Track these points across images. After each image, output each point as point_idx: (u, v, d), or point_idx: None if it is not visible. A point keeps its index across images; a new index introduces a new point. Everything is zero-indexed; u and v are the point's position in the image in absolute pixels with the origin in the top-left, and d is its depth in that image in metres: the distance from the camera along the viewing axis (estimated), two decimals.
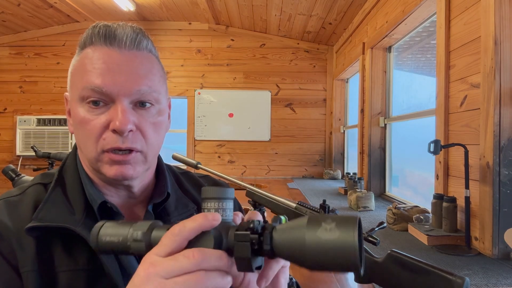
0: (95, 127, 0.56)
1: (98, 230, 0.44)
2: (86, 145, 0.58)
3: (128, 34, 0.59)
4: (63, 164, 0.65)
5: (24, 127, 4.32)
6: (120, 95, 0.56)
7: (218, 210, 0.42)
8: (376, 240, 0.80)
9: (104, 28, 0.58)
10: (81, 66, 0.59)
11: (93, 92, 0.56)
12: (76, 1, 3.74)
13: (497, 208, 1.33)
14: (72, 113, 0.60)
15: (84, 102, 0.57)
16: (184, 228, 0.39)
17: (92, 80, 0.56)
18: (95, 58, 0.57)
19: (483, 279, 1.11)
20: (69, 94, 0.62)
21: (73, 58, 0.63)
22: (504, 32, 1.33)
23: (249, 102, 4.42)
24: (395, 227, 1.72)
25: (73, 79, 0.60)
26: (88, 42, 0.60)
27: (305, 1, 3.23)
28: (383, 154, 2.89)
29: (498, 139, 1.33)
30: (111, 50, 0.57)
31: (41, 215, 0.56)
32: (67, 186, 0.61)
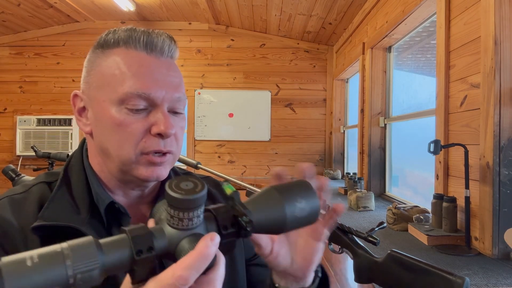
0: (137, 130, 0.57)
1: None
2: (121, 147, 0.58)
3: (166, 42, 0.61)
4: (68, 163, 0.65)
5: (24, 127, 4.32)
6: (163, 100, 0.58)
7: (174, 217, 0.38)
8: (376, 240, 0.80)
9: (145, 35, 0.59)
10: (117, 68, 0.58)
11: (138, 97, 0.57)
12: (76, 1, 3.74)
13: (497, 208, 1.33)
14: (101, 114, 0.59)
15: (122, 105, 0.57)
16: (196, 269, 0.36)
17: (138, 85, 0.56)
18: (135, 62, 0.58)
19: (483, 279, 1.11)
20: (93, 94, 0.60)
21: (95, 56, 0.62)
22: (504, 32, 1.33)
23: (249, 102, 4.42)
24: (395, 227, 1.72)
25: (105, 80, 0.59)
26: (123, 44, 0.59)
27: (305, 1, 3.23)
28: (383, 154, 2.89)
29: (498, 139, 1.33)
30: (151, 57, 0.59)
31: (47, 214, 0.56)
32: (73, 185, 0.61)
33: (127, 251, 0.36)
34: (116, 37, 0.60)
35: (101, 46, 0.61)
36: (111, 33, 0.61)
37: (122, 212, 0.61)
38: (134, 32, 0.60)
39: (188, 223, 0.38)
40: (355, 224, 1.83)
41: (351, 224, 1.80)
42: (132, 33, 0.60)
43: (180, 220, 0.38)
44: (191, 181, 0.38)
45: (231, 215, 0.41)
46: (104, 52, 0.61)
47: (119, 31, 0.61)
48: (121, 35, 0.60)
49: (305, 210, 0.45)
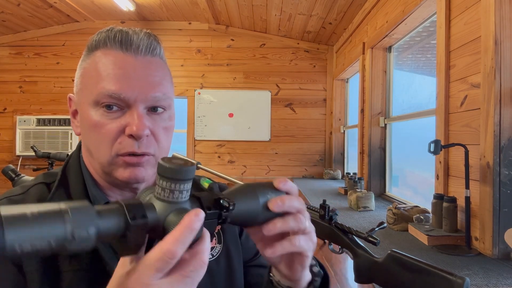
0: (110, 131, 0.57)
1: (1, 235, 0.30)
2: (98, 149, 0.58)
3: (143, 40, 0.60)
4: (66, 164, 0.65)
5: (24, 127, 4.32)
6: (137, 100, 0.57)
7: (165, 189, 0.39)
8: (376, 240, 0.80)
9: (120, 34, 0.59)
10: (94, 69, 0.58)
11: (109, 97, 0.56)
12: (76, 1, 3.73)
13: (497, 208, 1.33)
14: (82, 116, 0.60)
15: (98, 106, 0.57)
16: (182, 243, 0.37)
17: (109, 86, 0.56)
18: (110, 62, 0.57)
19: (483, 279, 1.11)
20: (78, 96, 0.62)
21: (82, 60, 0.63)
22: (504, 32, 1.33)
23: (249, 102, 4.42)
24: (395, 227, 1.72)
25: (84, 82, 0.60)
26: (102, 45, 0.59)
27: (305, 1, 3.23)
28: (383, 154, 2.89)
29: (498, 139, 1.33)
30: (126, 56, 0.58)
31: None
32: (71, 186, 0.62)
33: (122, 217, 0.37)
34: (97, 38, 0.60)
35: (86, 49, 0.62)
36: (96, 35, 0.61)
37: None
38: (112, 32, 0.59)
39: (178, 195, 0.40)
40: (355, 224, 1.83)
41: (351, 224, 1.80)
42: (109, 33, 0.59)
43: (171, 192, 0.39)
44: (181, 159, 0.41)
45: (213, 198, 0.44)
46: (87, 55, 0.61)
47: (101, 33, 0.60)
48: (101, 36, 0.60)
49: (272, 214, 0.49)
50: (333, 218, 0.93)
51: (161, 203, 0.40)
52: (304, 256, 0.51)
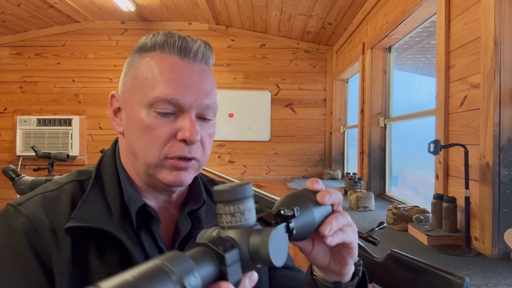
0: (163, 134, 0.58)
1: None
2: (147, 150, 0.58)
3: (201, 48, 0.61)
4: (100, 162, 0.65)
5: (24, 127, 4.32)
6: (191, 107, 0.58)
7: (235, 214, 0.38)
8: (376, 240, 0.80)
9: (180, 40, 0.60)
10: (150, 72, 0.59)
11: (166, 102, 0.57)
12: (76, 1, 3.74)
13: (497, 208, 1.33)
14: (131, 117, 0.60)
15: (151, 109, 0.58)
16: None
17: (167, 91, 0.57)
18: (167, 67, 0.58)
19: (483, 279, 1.11)
20: (127, 95, 0.61)
21: (132, 59, 0.63)
22: (504, 32, 1.34)
23: (249, 102, 4.42)
24: (395, 227, 1.72)
25: (138, 83, 0.60)
26: (159, 48, 0.60)
27: (305, 1, 3.23)
28: (383, 154, 2.89)
29: (498, 139, 1.33)
30: (184, 62, 0.60)
31: (79, 214, 0.56)
32: (105, 185, 0.61)
33: (213, 252, 0.35)
34: (153, 41, 0.61)
35: (139, 49, 0.62)
36: (150, 37, 0.62)
37: (152, 215, 0.60)
38: (171, 37, 0.60)
39: (248, 216, 0.38)
40: (355, 224, 1.83)
41: None
42: (168, 38, 0.60)
43: (241, 214, 0.38)
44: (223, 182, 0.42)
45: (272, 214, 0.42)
46: (141, 56, 0.61)
47: (157, 35, 0.61)
48: (158, 39, 0.61)
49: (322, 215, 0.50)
50: None
51: (235, 231, 0.38)
52: (353, 247, 0.53)
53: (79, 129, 4.34)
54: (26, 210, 0.57)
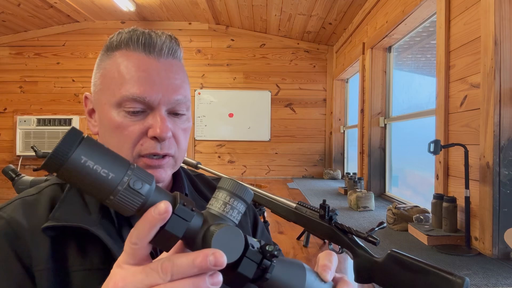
0: (133, 133, 0.58)
1: (77, 144, 0.34)
2: (119, 150, 0.59)
3: (166, 43, 0.61)
4: None
5: (24, 127, 4.32)
6: (160, 103, 0.58)
7: (226, 204, 0.38)
8: (376, 240, 0.80)
9: (143, 36, 0.59)
10: (116, 71, 0.59)
11: (133, 100, 0.57)
12: (76, 1, 3.74)
13: (497, 208, 1.33)
14: (103, 117, 0.60)
15: (120, 108, 0.58)
16: (140, 234, 0.35)
17: (134, 89, 0.57)
18: (133, 65, 0.58)
19: (483, 279, 1.11)
20: (97, 96, 0.62)
21: (100, 59, 0.63)
22: (504, 32, 1.34)
23: (249, 102, 4.42)
24: (395, 227, 1.72)
25: (106, 83, 0.60)
26: (124, 46, 0.60)
27: (305, 1, 3.23)
28: (383, 154, 2.89)
29: (498, 139, 1.33)
30: (150, 59, 0.59)
31: (57, 214, 0.56)
32: None
33: (172, 199, 0.37)
34: (118, 39, 0.61)
35: (106, 49, 0.62)
36: (116, 35, 0.62)
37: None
38: (134, 33, 0.60)
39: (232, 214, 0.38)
40: (355, 224, 1.84)
41: (351, 224, 1.80)
42: (132, 34, 0.60)
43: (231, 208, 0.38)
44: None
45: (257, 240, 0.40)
46: (108, 55, 0.61)
47: (122, 33, 0.61)
48: (123, 36, 0.60)
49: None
50: (333, 218, 0.94)
51: (212, 214, 0.38)
52: None
53: (79, 129, 4.34)
54: (5, 213, 0.57)
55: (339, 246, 0.90)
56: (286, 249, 1.46)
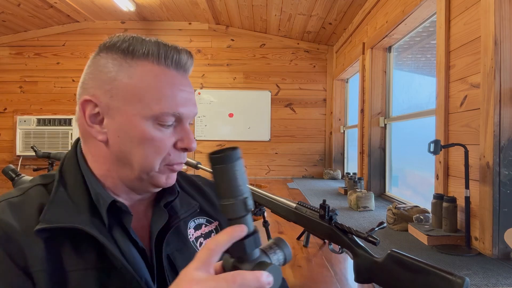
0: (166, 145, 0.61)
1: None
2: (148, 159, 0.61)
3: (189, 60, 0.64)
4: (62, 165, 0.65)
5: (24, 127, 4.32)
6: (188, 118, 0.64)
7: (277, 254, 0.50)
8: (376, 240, 0.80)
9: (175, 53, 0.62)
10: (153, 86, 0.60)
11: (172, 115, 0.61)
12: (76, 1, 3.74)
13: (497, 208, 1.33)
14: (128, 127, 0.60)
15: (156, 121, 0.60)
16: (218, 243, 0.45)
17: (174, 106, 0.60)
18: (169, 82, 0.61)
19: (483, 279, 1.11)
20: (117, 104, 0.60)
21: (117, 63, 0.60)
22: (504, 32, 1.33)
23: (249, 102, 4.42)
24: (395, 227, 1.72)
25: (137, 94, 0.59)
26: (152, 57, 0.60)
27: (305, 1, 3.23)
28: (383, 154, 2.89)
29: (498, 139, 1.33)
30: (179, 75, 0.63)
31: (48, 216, 0.56)
32: (70, 186, 0.61)
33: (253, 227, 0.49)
34: (145, 49, 0.60)
35: (124, 54, 0.60)
36: (138, 42, 0.60)
37: (124, 210, 0.61)
38: (165, 48, 0.61)
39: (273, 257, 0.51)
40: (355, 224, 1.84)
41: (351, 224, 1.80)
42: (162, 49, 0.61)
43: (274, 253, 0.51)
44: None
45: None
46: (131, 63, 0.60)
47: (147, 43, 0.61)
48: (151, 48, 0.60)
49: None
50: (333, 218, 0.94)
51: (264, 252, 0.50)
52: None
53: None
54: None
55: (339, 246, 0.90)
56: None
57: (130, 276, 0.56)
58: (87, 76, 0.63)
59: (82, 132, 0.64)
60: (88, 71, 0.63)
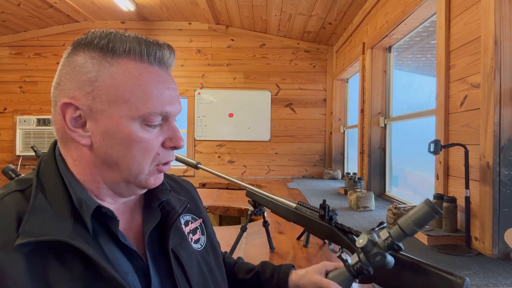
0: (154, 145, 0.59)
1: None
2: (136, 161, 0.59)
3: (172, 56, 0.62)
4: (38, 170, 0.60)
5: (24, 127, 4.32)
6: (174, 115, 0.62)
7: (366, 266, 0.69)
8: None
9: (156, 49, 0.59)
10: (138, 85, 0.57)
11: (159, 115, 0.59)
12: (76, 1, 3.74)
13: (497, 208, 1.33)
14: (115, 129, 0.57)
15: (143, 122, 0.58)
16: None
17: (161, 105, 0.58)
18: (155, 81, 0.58)
19: (483, 279, 1.11)
20: (103, 106, 0.56)
21: (97, 62, 0.57)
22: (504, 32, 1.33)
23: (249, 102, 4.42)
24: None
25: (122, 95, 0.56)
26: (134, 55, 0.57)
27: (305, 1, 3.23)
28: (383, 154, 2.89)
29: (498, 139, 1.33)
30: (162, 72, 0.60)
31: (28, 227, 0.51)
32: (48, 192, 0.57)
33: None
34: (126, 46, 0.57)
35: (103, 52, 0.57)
36: (117, 39, 0.57)
37: (109, 216, 0.57)
38: (146, 44, 0.58)
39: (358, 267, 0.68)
40: (355, 224, 1.83)
41: (351, 224, 1.80)
42: (143, 45, 0.58)
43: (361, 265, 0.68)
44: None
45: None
46: (111, 62, 0.57)
47: (127, 39, 0.58)
48: (132, 45, 0.57)
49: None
50: (333, 218, 0.94)
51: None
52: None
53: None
54: None
55: (339, 246, 0.89)
56: (286, 249, 1.46)
57: (118, 284, 0.53)
58: (63, 76, 0.59)
59: (61, 136, 0.60)
60: (64, 71, 0.59)
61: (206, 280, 0.68)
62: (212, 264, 0.72)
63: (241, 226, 1.34)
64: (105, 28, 0.60)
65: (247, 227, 1.34)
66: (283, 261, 1.32)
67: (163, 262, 0.62)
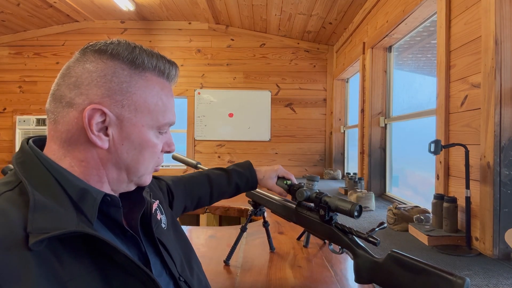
0: (159, 150, 0.68)
1: None
2: (146, 164, 0.66)
3: (177, 72, 0.71)
4: (20, 170, 0.58)
5: (23, 127, 4.32)
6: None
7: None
8: (377, 241, 0.80)
9: (173, 68, 0.68)
10: (159, 98, 0.65)
11: (169, 126, 0.69)
12: (76, 1, 3.73)
13: (497, 208, 1.32)
14: (136, 136, 0.63)
15: (158, 130, 0.67)
16: None
17: (172, 117, 0.69)
18: (168, 95, 0.68)
19: (483, 280, 1.11)
20: (130, 115, 0.61)
21: (127, 74, 0.61)
22: (505, 31, 1.33)
23: (249, 102, 4.42)
24: (395, 227, 1.72)
25: (148, 107, 0.64)
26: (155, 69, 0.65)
27: (305, 1, 3.23)
28: (383, 154, 2.89)
29: (498, 139, 1.33)
30: (171, 86, 0.70)
31: (36, 224, 0.50)
32: (41, 187, 0.55)
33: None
34: (154, 63, 0.65)
35: (134, 65, 0.62)
36: (145, 55, 0.64)
37: (113, 205, 0.61)
38: (163, 62, 0.66)
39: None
40: (355, 225, 1.83)
41: (351, 225, 1.80)
42: (166, 63, 0.67)
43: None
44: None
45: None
46: (141, 75, 0.63)
47: (153, 56, 0.65)
48: (158, 63, 0.65)
49: None
50: (333, 219, 0.93)
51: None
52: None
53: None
54: None
55: (339, 247, 0.89)
56: (286, 249, 1.46)
57: (134, 266, 0.55)
58: (84, 80, 0.59)
59: (70, 136, 0.59)
60: (86, 75, 0.59)
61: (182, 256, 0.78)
62: (178, 241, 0.81)
63: (241, 226, 1.34)
64: (130, 42, 0.65)
65: (247, 227, 1.34)
66: (283, 261, 1.32)
67: (153, 247, 0.69)
